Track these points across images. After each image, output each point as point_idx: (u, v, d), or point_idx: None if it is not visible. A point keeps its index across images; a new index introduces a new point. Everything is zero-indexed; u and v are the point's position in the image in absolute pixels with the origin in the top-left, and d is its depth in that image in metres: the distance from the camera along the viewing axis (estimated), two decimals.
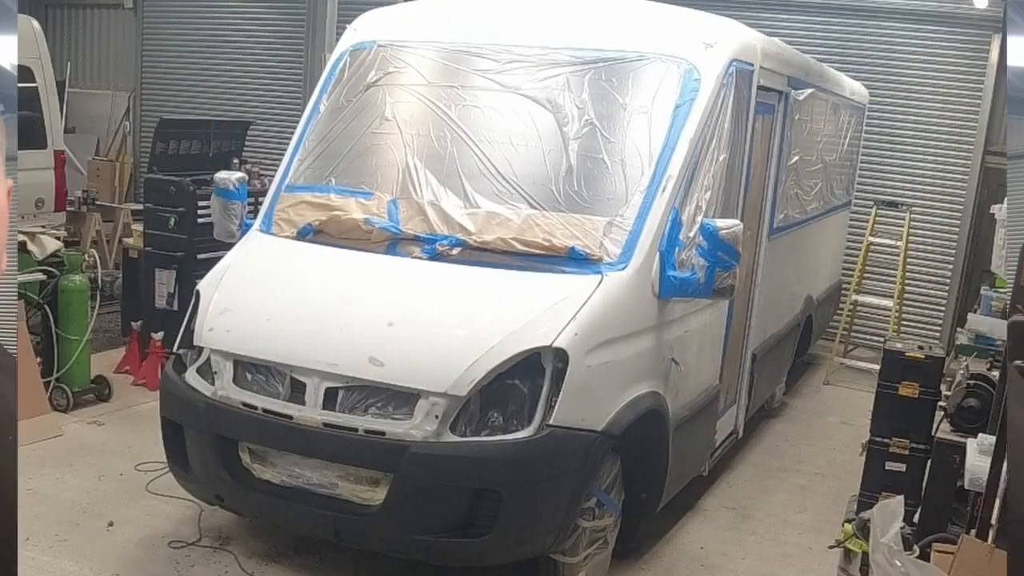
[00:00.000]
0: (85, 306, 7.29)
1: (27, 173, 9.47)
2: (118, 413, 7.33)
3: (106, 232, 11.51)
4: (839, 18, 11.21)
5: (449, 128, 5.40)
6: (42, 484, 5.98)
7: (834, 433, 8.42)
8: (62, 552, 5.19)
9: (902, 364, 5.85)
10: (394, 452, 4.38)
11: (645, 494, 5.31)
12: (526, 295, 4.71)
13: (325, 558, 5.32)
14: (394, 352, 4.51)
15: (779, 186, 7.13)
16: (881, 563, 3.97)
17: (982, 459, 4.47)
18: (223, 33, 14.38)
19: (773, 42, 6.70)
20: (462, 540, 4.49)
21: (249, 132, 11.38)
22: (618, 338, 4.75)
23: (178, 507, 5.72)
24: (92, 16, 15.68)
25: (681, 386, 5.41)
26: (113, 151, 14.77)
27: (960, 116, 10.91)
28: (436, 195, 5.20)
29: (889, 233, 10.64)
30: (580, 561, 4.84)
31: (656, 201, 4.96)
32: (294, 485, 4.67)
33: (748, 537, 6.13)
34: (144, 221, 8.41)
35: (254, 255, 5.40)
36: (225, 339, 4.86)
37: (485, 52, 5.58)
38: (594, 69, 5.35)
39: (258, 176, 8.99)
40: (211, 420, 4.77)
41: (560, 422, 4.42)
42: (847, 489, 6.65)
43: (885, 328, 10.65)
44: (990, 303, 7.56)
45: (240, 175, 5.74)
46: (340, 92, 5.86)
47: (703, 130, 5.23)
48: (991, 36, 10.65)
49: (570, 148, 5.17)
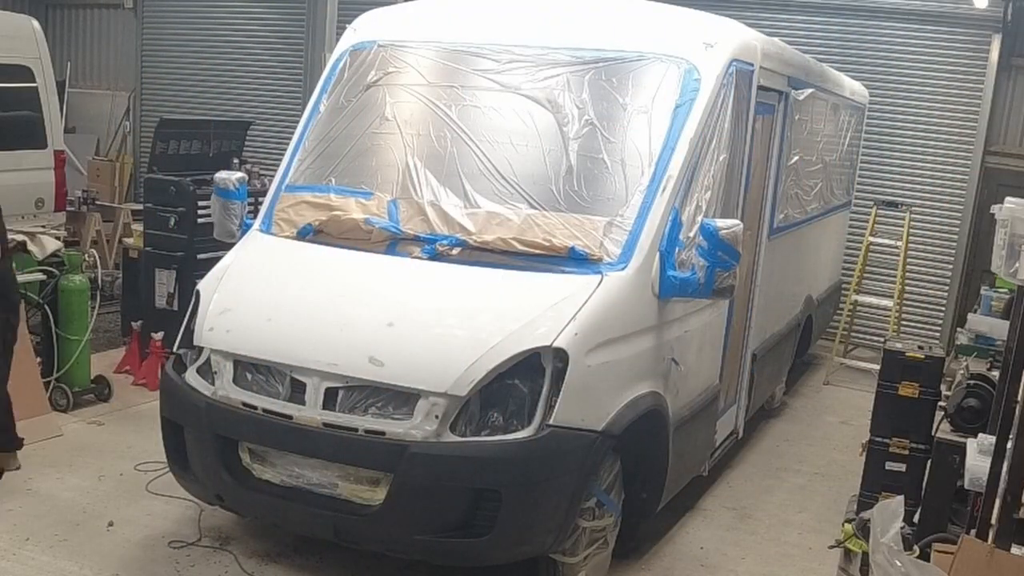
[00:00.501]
0: (85, 306, 7.29)
1: (27, 173, 9.48)
2: (118, 413, 7.33)
3: (106, 232, 11.51)
4: (839, 18, 11.22)
5: (449, 128, 5.40)
6: (42, 484, 5.97)
7: (834, 433, 8.42)
8: (62, 552, 5.19)
9: (902, 364, 5.85)
10: (394, 452, 4.38)
11: (645, 494, 5.31)
12: (526, 295, 4.71)
13: (325, 558, 5.32)
14: (394, 352, 4.51)
15: (779, 186, 7.13)
16: (881, 563, 3.96)
17: (982, 459, 4.47)
18: (223, 33, 14.38)
19: (773, 42, 6.70)
20: (462, 540, 4.49)
21: (249, 132, 11.38)
22: (618, 338, 4.75)
23: (178, 507, 5.72)
24: (92, 16, 15.69)
25: (681, 386, 5.41)
26: (113, 151, 14.77)
27: (960, 116, 10.92)
28: (436, 195, 5.20)
29: (889, 233, 10.65)
30: (580, 561, 4.84)
31: (656, 201, 4.96)
32: (294, 485, 4.67)
33: (748, 537, 6.13)
34: (144, 221, 8.40)
35: (254, 255, 5.40)
36: (225, 339, 4.86)
37: (485, 52, 5.58)
38: (594, 69, 5.35)
39: (258, 176, 8.99)
40: (211, 420, 4.77)
41: (560, 422, 4.42)
42: (847, 489, 6.65)
43: (885, 328, 10.65)
44: (990, 303, 7.57)
45: (240, 175, 5.74)
46: (340, 92, 5.86)
47: (703, 130, 5.23)
48: (991, 36, 10.65)
49: (570, 148, 5.17)
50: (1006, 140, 10.89)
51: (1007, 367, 4.22)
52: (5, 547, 5.18)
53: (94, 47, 15.73)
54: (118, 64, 15.42)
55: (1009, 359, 4.16)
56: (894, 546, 4.06)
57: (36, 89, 9.59)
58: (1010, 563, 3.68)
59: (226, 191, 5.63)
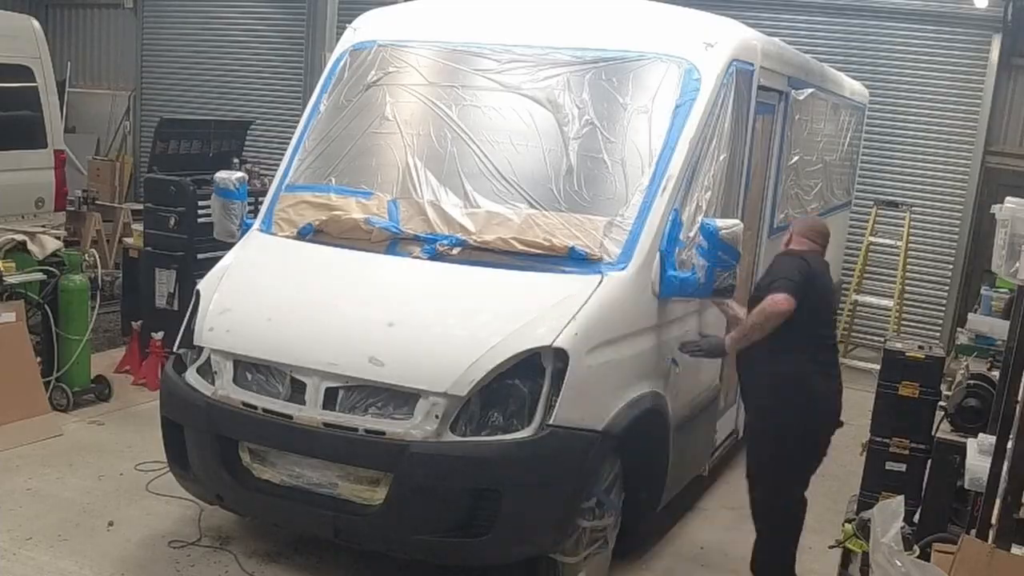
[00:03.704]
0: (85, 306, 7.29)
1: (27, 173, 9.47)
2: (118, 413, 7.33)
3: (106, 232, 11.51)
4: (839, 18, 11.22)
5: (449, 128, 5.40)
6: (42, 484, 5.98)
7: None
8: (62, 552, 5.19)
9: (902, 364, 5.84)
10: (394, 452, 4.38)
11: (645, 494, 5.31)
12: (526, 295, 4.71)
13: (325, 558, 5.32)
14: (394, 352, 4.51)
15: (779, 186, 7.13)
16: (881, 563, 3.96)
17: (982, 459, 4.47)
18: (223, 32, 14.39)
19: (773, 42, 6.70)
20: (462, 540, 4.49)
21: (249, 132, 11.38)
22: (618, 338, 4.75)
23: (178, 507, 5.72)
24: (92, 16, 15.69)
25: (681, 386, 5.41)
26: (113, 151, 14.77)
27: (960, 116, 10.92)
28: (436, 195, 5.19)
29: (889, 233, 10.65)
30: (580, 561, 4.84)
31: (656, 201, 4.96)
32: (294, 485, 4.67)
33: (748, 537, 6.10)
34: (144, 221, 8.40)
35: (254, 255, 5.40)
36: (225, 339, 4.86)
37: (485, 52, 5.58)
38: (594, 69, 5.35)
39: (258, 176, 8.99)
40: (211, 420, 4.77)
41: (560, 422, 4.41)
42: (847, 489, 6.64)
43: (885, 328, 10.65)
44: (990, 303, 7.56)
45: (240, 175, 5.74)
46: (340, 92, 5.86)
47: (703, 130, 5.23)
48: (991, 36, 10.66)
49: (570, 148, 5.17)
50: (1006, 140, 10.90)
51: (1007, 367, 4.22)
52: (5, 547, 5.18)
53: (94, 47, 15.72)
54: (118, 64, 15.43)
55: (1009, 359, 4.16)
56: (894, 546, 4.06)
57: (36, 89, 9.58)
58: (1010, 563, 3.68)
59: (226, 191, 5.63)
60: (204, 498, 5.18)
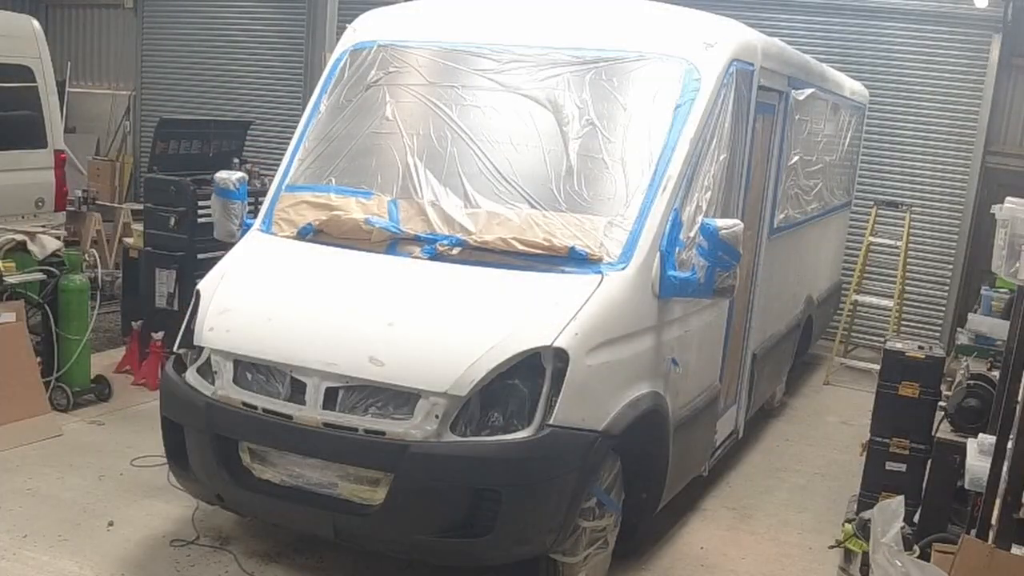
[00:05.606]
0: (85, 306, 7.29)
1: (27, 173, 9.47)
2: (118, 413, 7.33)
3: (106, 232, 11.52)
4: (839, 18, 11.23)
5: (449, 128, 5.40)
6: (42, 484, 5.98)
7: (834, 433, 8.42)
8: (62, 552, 5.19)
9: (902, 364, 5.85)
10: (394, 452, 4.38)
11: (645, 494, 5.31)
12: (526, 295, 4.70)
13: (325, 558, 5.32)
14: (394, 352, 4.51)
15: (779, 186, 7.13)
16: (881, 563, 3.97)
17: (982, 459, 4.47)
18: (223, 32, 14.39)
19: (773, 42, 6.70)
20: (462, 540, 4.49)
21: (249, 132, 11.37)
22: (618, 338, 4.75)
23: (178, 507, 5.71)
24: (92, 16, 15.69)
25: (681, 386, 5.41)
26: (113, 151, 14.78)
27: (960, 116, 10.92)
28: (436, 195, 5.19)
29: (889, 233, 10.65)
30: (580, 561, 4.84)
31: (656, 201, 4.96)
32: (294, 485, 4.67)
33: (748, 537, 6.13)
34: (144, 221, 8.40)
35: (254, 255, 5.40)
36: (225, 339, 4.86)
37: (485, 52, 5.58)
38: (594, 69, 5.35)
39: (258, 176, 8.99)
40: (211, 420, 4.77)
41: (560, 422, 4.41)
42: (847, 489, 6.65)
43: (885, 328, 10.65)
44: (990, 303, 7.57)
45: (240, 175, 5.74)
46: (340, 92, 5.86)
47: (703, 130, 5.23)
48: (991, 36, 10.66)
49: (570, 148, 5.17)
50: (1006, 140, 10.90)
51: (1007, 367, 4.23)
52: (5, 547, 5.18)
53: (94, 47, 15.73)
54: (118, 64, 15.43)
55: (1009, 359, 4.16)
56: (894, 546, 4.07)
57: (36, 89, 9.58)
58: (1010, 563, 3.69)
59: (226, 191, 5.63)
60: (204, 498, 5.18)
